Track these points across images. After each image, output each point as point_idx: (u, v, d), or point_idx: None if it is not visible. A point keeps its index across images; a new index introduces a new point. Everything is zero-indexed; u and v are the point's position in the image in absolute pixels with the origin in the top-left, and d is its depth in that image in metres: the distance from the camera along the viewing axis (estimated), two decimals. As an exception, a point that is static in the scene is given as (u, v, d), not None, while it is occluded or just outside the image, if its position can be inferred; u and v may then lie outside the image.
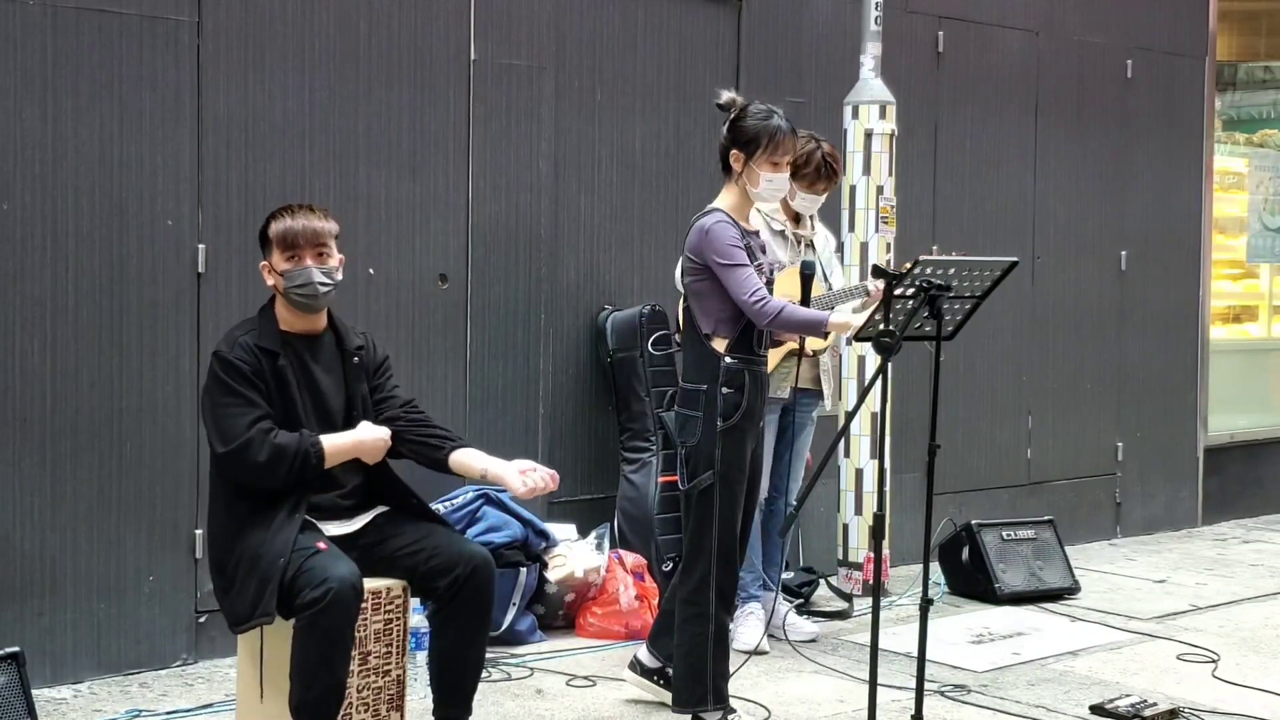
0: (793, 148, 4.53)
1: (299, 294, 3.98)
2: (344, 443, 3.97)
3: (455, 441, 4.13)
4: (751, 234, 4.52)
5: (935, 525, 5.22)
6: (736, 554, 4.50)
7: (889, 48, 6.67)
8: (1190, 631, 6.05)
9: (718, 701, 4.47)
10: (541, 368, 6.01)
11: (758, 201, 4.59)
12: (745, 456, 4.47)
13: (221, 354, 3.93)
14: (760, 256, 4.49)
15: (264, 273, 4.04)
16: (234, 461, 3.84)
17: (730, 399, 4.40)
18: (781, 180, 4.52)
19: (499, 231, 5.88)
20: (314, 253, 3.99)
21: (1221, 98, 9.12)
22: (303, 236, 3.98)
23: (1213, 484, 8.69)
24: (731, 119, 4.50)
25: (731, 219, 4.44)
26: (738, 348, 4.42)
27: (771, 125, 4.43)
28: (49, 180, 4.87)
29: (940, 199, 7.31)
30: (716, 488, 4.39)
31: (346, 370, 4.11)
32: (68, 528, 4.93)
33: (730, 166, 4.50)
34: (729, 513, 4.42)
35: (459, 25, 5.76)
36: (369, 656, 4.04)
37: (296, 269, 3.97)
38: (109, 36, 4.96)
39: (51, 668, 4.89)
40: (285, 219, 4.01)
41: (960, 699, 5.03)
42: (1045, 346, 7.81)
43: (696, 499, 4.42)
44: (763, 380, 4.53)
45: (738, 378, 4.41)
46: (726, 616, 4.50)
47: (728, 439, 4.39)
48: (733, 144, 4.48)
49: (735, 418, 4.40)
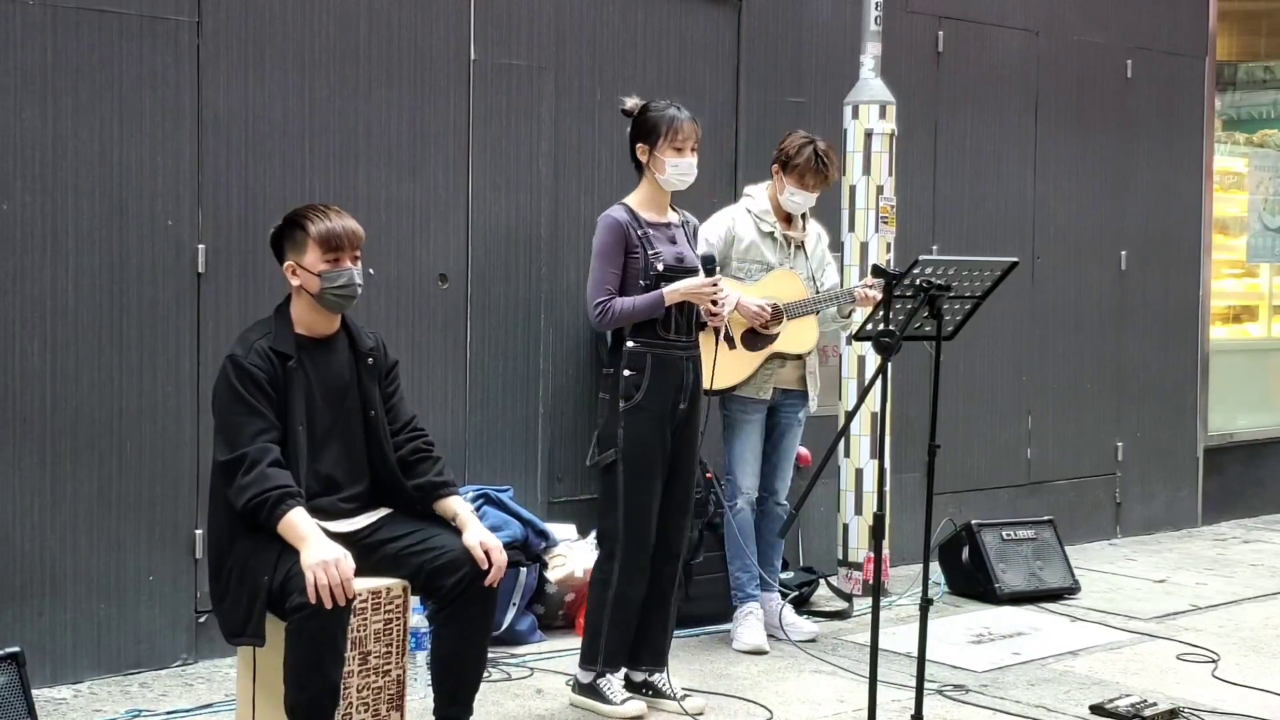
0: (694, 133, 4.73)
1: (338, 294, 3.99)
2: (306, 532, 3.74)
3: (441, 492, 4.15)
4: (660, 225, 4.75)
5: (935, 525, 5.22)
6: (648, 530, 4.71)
7: (889, 48, 6.67)
8: (1190, 631, 6.05)
9: (605, 664, 4.75)
10: (541, 368, 6.01)
11: (668, 188, 4.75)
12: (654, 436, 4.68)
13: (237, 359, 3.90)
14: (658, 246, 4.70)
15: (289, 274, 4.02)
16: (228, 470, 3.84)
17: (631, 380, 4.65)
18: (687, 165, 4.72)
19: (499, 231, 5.89)
20: (352, 254, 4.03)
21: (1221, 98, 9.12)
22: (346, 238, 4.00)
23: (1213, 484, 8.69)
24: (634, 119, 4.76)
25: (630, 212, 4.71)
26: (641, 331, 4.67)
27: (669, 114, 4.72)
28: (49, 180, 4.87)
29: (940, 199, 7.31)
30: (620, 466, 4.64)
31: (361, 370, 4.12)
32: (68, 528, 4.93)
33: (639, 162, 4.74)
34: (635, 490, 4.66)
35: (459, 25, 5.76)
36: (369, 656, 4.04)
37: (338, 270, 3.99)
38: (109, 36, 4.96)
39: (51, 668, 4.89)
40: (324, 220, 4.01)
41: (960, 699, 5.03)
42: (1045, 346, 7.81)
43: (603, 476, 4.72)
44: (671, 363, 4.70)
45: (639, 360, 4.66)
46: (630, 588, 4.71)
47: (630, 419, 4.64)
48: (636, 139, 4.75)
49: (637, 398, 4.64)
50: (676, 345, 4.73)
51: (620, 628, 4.74)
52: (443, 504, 4.14)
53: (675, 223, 4.82)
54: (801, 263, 5.65)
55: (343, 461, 4.08)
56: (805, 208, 5.62)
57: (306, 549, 3.72)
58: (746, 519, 5.60)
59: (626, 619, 4.74)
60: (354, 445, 4.11)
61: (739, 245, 5.55)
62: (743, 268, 5.56)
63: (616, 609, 4.71)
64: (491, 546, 4.01)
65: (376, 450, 4.13)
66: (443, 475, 4.18)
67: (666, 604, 4.85)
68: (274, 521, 3.77)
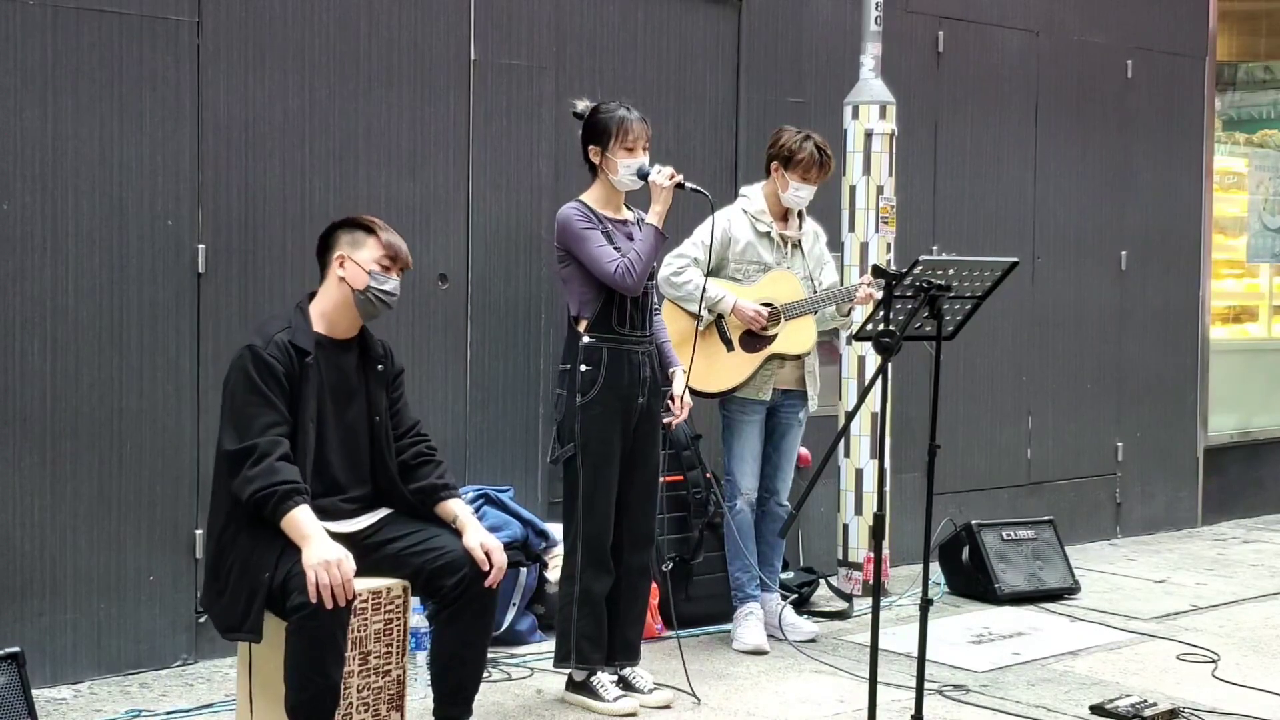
0: (644, 133, 4.76)
1: (380, 296, 4.09)
2: (309, 531, 3.76)
3: (441, 495, 4.17)
4: (618, 223, 4.80)
5: (935, 525, 5.22)
6: (609, 523, 4.75)
7: (889, 48, 6.67)
8: (1190, 631, 6.05)
9: (579, 660, 4.78)
10: (541, 368, 6.01)
11: (620, 188, 4.81)
12: (612, 430, 4.73)
13: (256, 349, 3.91)
14: (618, 241, 4.75)
15: (337, 265, 4.08)
16: (236, 460, 3.84)
17: (587, 375, 4.71)
18: (639, 164, 4.75)
19: (499, 231, 5.89)
20: (399, 270, 4.15)
21: (1221, 98, 9.11)
22: (404, 256, 4.17)
23: (1213, 484, 8.69)
24: (585, 121, 4.80)
25: (586, 207, 4.77)
26: (596, 327, 4.73)
27: (619, 114, 4.75)
28: (49, 180, 4.87)
29: (940, 199, 7.31)
30: (579, 460, 4.70)
31: (369, 376, 4.14)
32: (68, 528, 4.93)
33: (592, 163, 4.80)
34: (594, 484, 4.71)
35: (459, 25, 5.76)
36: (369, 656, 4.04)
37: (388, 277, 4.11)
38: (109, 36, 4.96)
39: (51, 668, 4.89)
40: (390, 233, 4.17)
41: (960, 699, 5.03)
42: (1045, 346, 7.81)
43: (564, 471, 4.78)
44: (628, 357, 4.75)
45: (594, 355, 4.71)
46: (595, 582, 4.75)
47: (587, 413, 4.70)
48: (589, 141, 4.79)
49: (593, 393, 4.70)
50: (632, 340, 4.77)
51: (588, 622, 4.76)
52: (443, 506, 4.15)
53: (631, 220, 4.87)
54: (799, 262, 5.65)
55: (346, 463, 4.09)
56: (806, 202, 5.63)
57: (309, 548, 3.72)
58: (746, 519, 5.60)
59: (594, 614, 4.77)
60: (358, 449, 4.12)
61: (735, 246, 5.55)
62: (740, 269, 5.56)
63: (582, 604, 4.75)
64: (492, 548, 4.02)
65: (379, 456, 4.15)
66: (443, 478, 4.19)
67: (637, 596, 4.90)
68: (279, 516, 3.78)
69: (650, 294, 4.87)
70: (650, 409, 4.85)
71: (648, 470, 4.87)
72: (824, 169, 5.55)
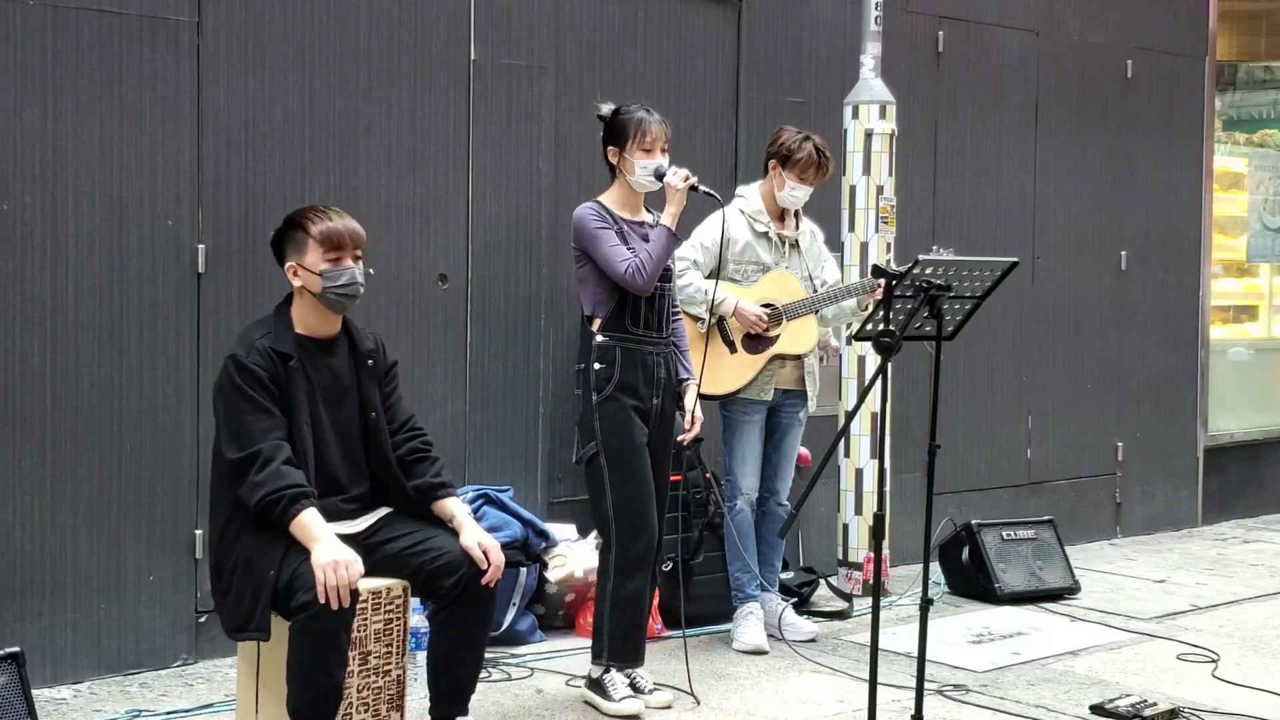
0: (662, 134, 4.79)
1: (340, 293, 4.00)
2: (318, 533, 3.76)
3: (439, 493, 4.16)
4: (635, 224, 4.81)
5: (935, 525, 5.22)
6: (642, 519, 4.74)
7: (889, 48, 6.67)
8: (1190, 631, 6.05)
9: (611, 658, 4.79)
10: (541, 368, 6.01)
11: (639, 189, 4.83)
12: (630, 427, 4.74)
13: (238, 358, 3.90)
14: (633, 242, 4.76)
15: (291, 275, 4.03)
16: (240, 467, 3.83)
17: (602, 373, 4.74)
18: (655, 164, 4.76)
19: (499, 231, 5.88)
20: (354, 254, 4.04)
21: (1221, 98, 9.11)
22: (348, 237, 4.02)
23: (1213, 484, 8.69)
24: (606, 123, 4.85)
25: (602, 208, 4.79)
26: (609, 326, 4.76)
27: (638, 116, 4.78)
28: (49, 180, 4.87)
29: (940, 199, 7.31)
30: (602, 457, 4.72)
31: (360, 373, 4.12)
32: (68, 528, 4.93)
33: (611, 165, 4.83)
34: (621, 480, 4.72)
35: (459, 25, 5.76)
36: (369, 656, 4.04)
37: (339, 269, 4.00)
38: (109, 36, 4.96)
39: (51, 668, 4.89)
40: (324, 220, 4.02)
41: (960, 699, 5.03)
42: (1045, 346, 7.81)
43: (588, 470, 4.80)
44: (642, 357, 4.77)
45: (608, 353, 4.75)
46: (628, 581, 4.75)
47: (604, 410, 4.73)
48: (608, 142, 4.83)
49: (608, 390, 4.73)
50: (646, 340, 4.79)
51: (619, 622, 4.77)
52: (440, 505, 4.15)
53: (649, 221, 4.87)
54: (797, 261, 5.65)
55: (345, 463, 4.09)
56: (802, 203, 5.63)
57: (318, 549, 3.73)
58: (746, 520, 5.60)
59: (624, 613, 4.77)
60: (354, 447, 4.12)
61: (733, 247, 5.55)
62: (739, 269, 5.56)
63: (615, 603, 4.76)
64: (489, 547, 4.02)
65: (376, 452, 4.14)
66: (440, 476, 4.19)
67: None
68: (287, 520, 3.78)
69: (666, 295, 4.87)
70: (665, 410, 4.85)
71: (659, 476, 4.86)
72: (822, 171, 5.55)
